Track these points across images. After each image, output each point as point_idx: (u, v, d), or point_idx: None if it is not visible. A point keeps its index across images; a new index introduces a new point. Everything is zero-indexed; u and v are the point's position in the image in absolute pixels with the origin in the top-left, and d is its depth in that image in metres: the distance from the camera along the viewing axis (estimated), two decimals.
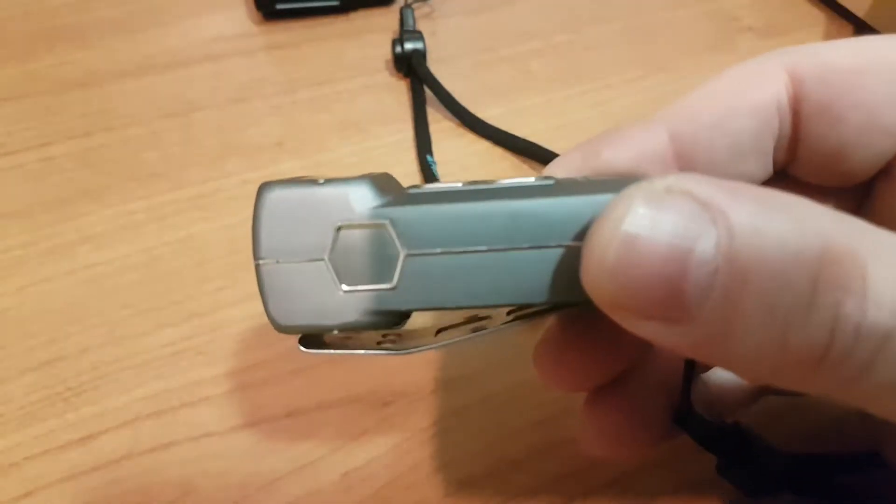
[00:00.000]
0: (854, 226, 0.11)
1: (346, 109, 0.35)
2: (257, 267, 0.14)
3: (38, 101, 0.35)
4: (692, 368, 0.17)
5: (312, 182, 0.14)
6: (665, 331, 0.11)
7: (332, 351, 0.15)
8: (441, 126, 0.35)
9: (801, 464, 0.19)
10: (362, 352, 0.16)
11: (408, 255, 0.13)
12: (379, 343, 0.16)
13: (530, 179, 0.14)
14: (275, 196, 0.14)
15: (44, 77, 0.36)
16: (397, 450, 0.22)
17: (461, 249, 0.13)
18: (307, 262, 0.14)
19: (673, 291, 0.11)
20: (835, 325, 0.11)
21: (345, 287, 0.14)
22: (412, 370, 0.25)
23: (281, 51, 0.39)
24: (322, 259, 0.14)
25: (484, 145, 0.34)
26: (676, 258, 0.11)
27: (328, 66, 0.38)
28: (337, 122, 0.35)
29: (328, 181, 0.14)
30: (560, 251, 0.13)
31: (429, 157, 0.32)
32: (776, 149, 0.16)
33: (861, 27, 0.40)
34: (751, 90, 0.16)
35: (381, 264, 0.14)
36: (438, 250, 0.13)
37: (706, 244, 0.11)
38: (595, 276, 0.12)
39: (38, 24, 0.39)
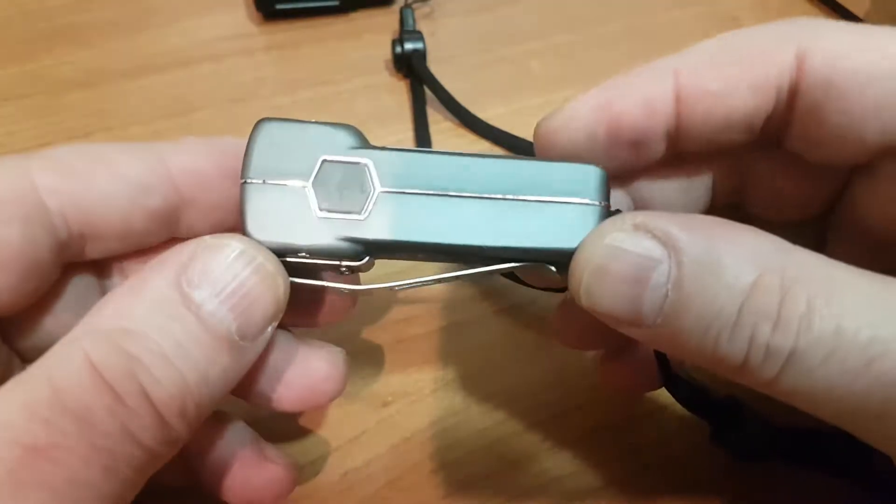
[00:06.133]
0: (788, 258, 0.14)
1: (345, 110, 0.35)
2: (243, 185, 0.16)
3: (38, 102, 0.35)
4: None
5: (306, 121, 0.16)
6: (628, 329, 0.15)
7: (294, 280, 0.16)
8: (441, 126, 0.35)
9: (790, 435, 0.20)
10: (320, 283, 0.17)
11: (381, 193, 0.16)
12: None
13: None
14: (271, 126, 0.16)
15: (44, 77, 0.36)
16: (397, 450, 0.22)
17: (435, 192, 0.15)
18: (290, 185, 0.16)
19: (633, 307, 0.14)
20: (750, 345, 0.14)
21: (320, 213, 0.16)
22: (412, 370, 0.25)
23: (281, 51, 0.39)
24: (305, 184, 0.16)
25: (484, 145, 0.34)
26: (637, 282, 0.14)
27: (328, 67, 0.38)
28: None
29: (320, 122, 0.16)
30: (536, 205, 0.16)
31: None
32: (769, 120, 0.17)
33: None
34: (758, 66, 0.16)
35: (356, 197, 0.16)
36: (411, 191, 0.16)
37: (660, 274, 0.14)
38: (577, 292, 0.15)
39: (38, 25, 0.39)
